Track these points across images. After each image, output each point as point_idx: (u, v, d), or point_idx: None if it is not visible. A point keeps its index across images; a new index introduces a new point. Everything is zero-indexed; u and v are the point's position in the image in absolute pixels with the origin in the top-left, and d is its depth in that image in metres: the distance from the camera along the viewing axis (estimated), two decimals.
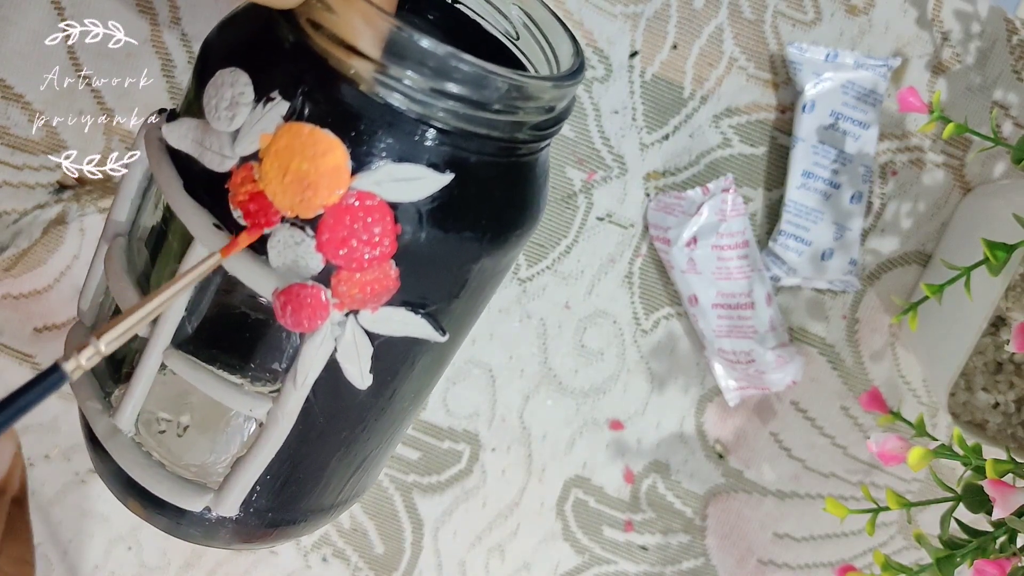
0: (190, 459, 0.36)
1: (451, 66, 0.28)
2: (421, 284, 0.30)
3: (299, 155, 0.28)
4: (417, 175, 0.28)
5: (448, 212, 0.29)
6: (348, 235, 0.28)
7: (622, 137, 0.50)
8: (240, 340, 0.34)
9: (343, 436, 0.34)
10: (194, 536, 0.35)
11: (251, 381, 0.34)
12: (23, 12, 0.47)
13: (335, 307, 0.29)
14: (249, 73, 0.29)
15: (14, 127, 0.48)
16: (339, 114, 0.28)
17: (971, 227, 0.49)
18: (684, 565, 0.55)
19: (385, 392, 0.33)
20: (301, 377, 0.30)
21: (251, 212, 0.28)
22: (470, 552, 0.54)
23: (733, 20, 0.49)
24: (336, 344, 0.30)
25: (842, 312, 0.52)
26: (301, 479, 0.34)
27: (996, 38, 0.50)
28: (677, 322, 0.52)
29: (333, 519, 0.39)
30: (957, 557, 0.40)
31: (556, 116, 0.32)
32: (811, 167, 0.50)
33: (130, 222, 0.35)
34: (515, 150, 0.31)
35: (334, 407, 0.33)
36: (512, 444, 0.53)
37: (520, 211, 0.32)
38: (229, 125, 0.28)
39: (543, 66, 0.35)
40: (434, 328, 0.31)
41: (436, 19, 0.38)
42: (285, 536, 0.36)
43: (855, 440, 0.54)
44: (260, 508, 0.34)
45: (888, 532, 0.55)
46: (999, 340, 0.47)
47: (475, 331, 0.52)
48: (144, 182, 0.35)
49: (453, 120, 0.28)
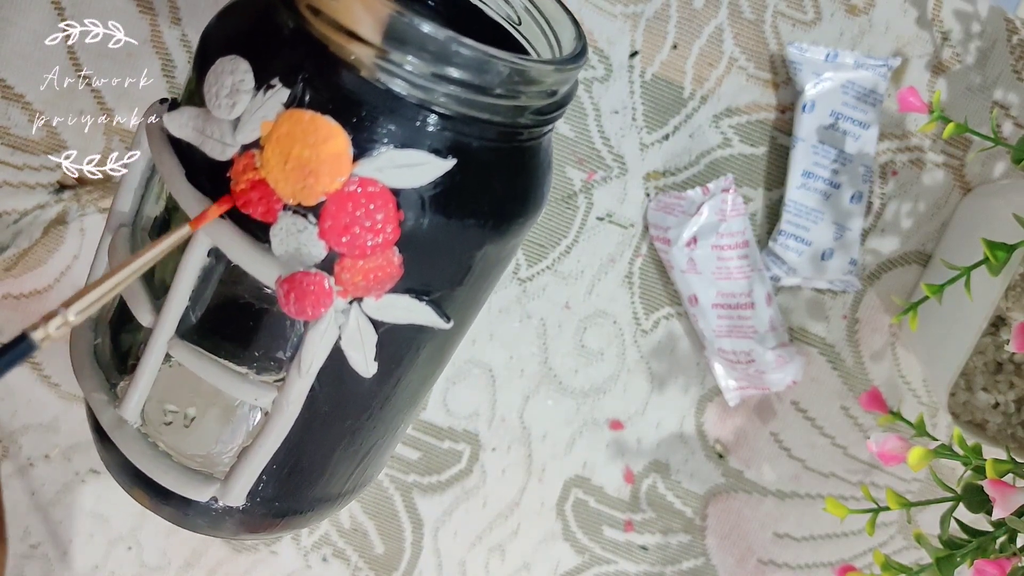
0: (196, 449, 0.37)
1: (452, 51, 0.27)
2: (425, 271, 0.30)
3: (300, 142, 0.27)
4: (419, 161, 0.28)
5: (451, 198, 0.29)
6: (351, 222, 0.28)
7: (622, 137, 0.50)
8: (244, 329, 0.34)
9: (348, 424, 0.34)
10: (200, 526, 0.35)
11: (256, 370, 0.34)
12: (23, 12, 0.47)
13: (339, 295, 0.29)
14: (249, 60, 0.29)
15: (14, 127, 0.48)
16: (340, 100, 0.28)
17: (971, 227, 0.49)
18: (684, 565, 0.55)
19: (390, 380, 0.33)
20: (306, 365, 0.30)
21: (253, 200, 0.28)
22: (470, 552, 0.54)
23: (733, 20, 0.49)
24: (340, 332, 0.30)
25: (842, 312, 0.52)
26: (307, 468, 0.34)
27: (996, 38, 0.50)
28: (677, 322, 0.52)
29: (339, 509, 0.38)
30: (957, 557, 0.40)
31: (558, 100, 0.31)
32: (811, 167, 0.50)
33: (133, 212, 0.35)
34: (517, 135, 0.31)
35: (339, 395, 0.32)
36: (512, 444, 0.53)
37: (524, 197, 0.32)
38: (230, 113, 0.28)
39: (545, 51, 0.35)
40: (438, 315, 0.31)
41: (437, 4, 0.38)
42: (292, 526, 0.36)
43: (855, 440, 0.54)
44: (266, 498, 0.34)
45: (888, 532, 0.55)
46: (999, 340, 0.47)
47: (475, 331, 0.52)
48: (147, 172, 0.34)
49: (455, 105, 0.28)
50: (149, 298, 0.32)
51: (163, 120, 0.30)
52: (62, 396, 0.51)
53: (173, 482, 0.33)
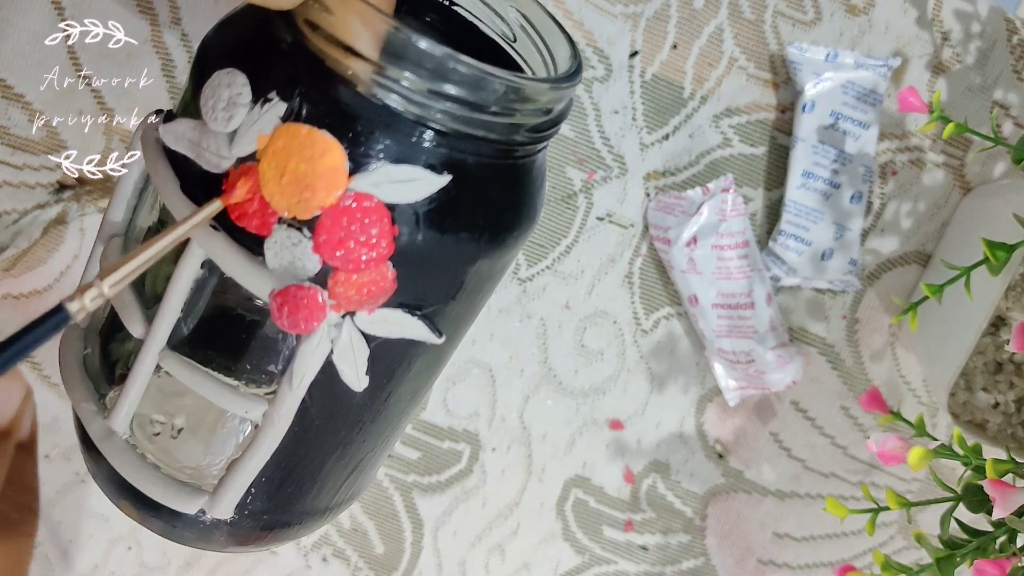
0: (185, 461, 0.36)
1: (449, 67, 0.27)
2: (418, 286, 0.30)
3: (296, 156, 0.27)
4: (414, 176, 0.28)
5: (445, 214, 0.29)
6: (345, 236, 0.28)
7: (622, 137, 0.50)
8: (236, 342, 0.34)
9: (339, 438, 0.34)
10: (189, 539, 0.35)
11: (247, 383, 0.34)
12: (23, 12, 0.47)
13: (332, 308, 0.29)
14: (247, 74, 0.28)
15: (14, 127, 0.48)
16: (337, 115, 0.28)
17: (971, 227, 0.49)
18: (684, 565, 0.55)
19: (381, 394, 0.33)
20: (297, 379, 0.30)
21: (248, 213, 0.28)
22: (470, 552, 0.54)
23: (733, 20, 0.49)
24: (332, 346, 0.30)
25: (842, 312, 0.52)
26: (297, 481, 0.34)
27: (996, 38, 0.50)
28: (677, 322, 0.52)
29: (329, 521, 0.38)
30: (957, 557, 0.40)
31: (553, 118, 0.31)
32: (811, 167, 0.50)
33: (126, 222, 0.35)
34: (512, 152, 0.31)
35: (330, 409, 0.32)
36: (512, 444, 0.53)
37: (517, 213, 0.32)
38: (226, 126, 0.28)
39: (540, 68, 0.35)
40: (431, 330, 0.31)
41: (433, 21, 0.38)
42: (280, 539, 0.36)
43: (855, 440, 0.54)
44: (255, 510, 0.34)
45: (888, 532, 0.55)
46: (999, 340, 0.47)
47: (475, 331, 0.52)
48: (140, 182, 0.34)
49: (450, 122, 0.28)
50: (141, 309, 0.32)
51: (159, 131, 0.30)
52: (62, 396, 0.51)
53: (161, 494, 0.32)
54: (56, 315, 0.23)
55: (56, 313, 0.23)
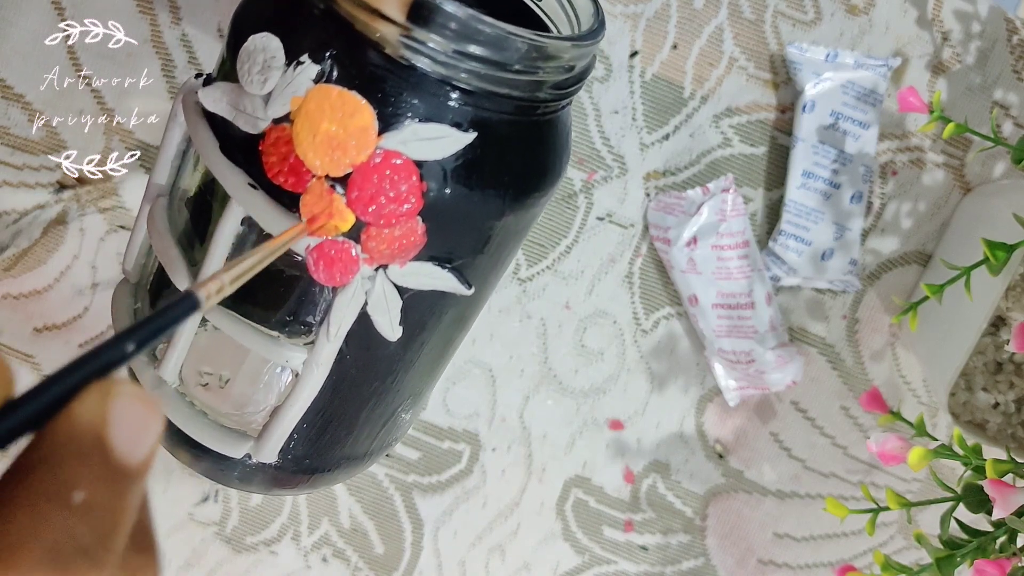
0: (231, 409, 0.38)
1: (473, 28, 0.29)
2: (447, 240, 0.32)
3: (328, 117, 0.29)
4: (441, 134, 0.30)
5: (472, 170, 0.30)
6: (376, 192, 0.29)
7: (622, 137, 0.50)
8: (275, 295, 0.35)
9: (374, 387, 0.36)
10: (233, 481, 0.37)
11: (287, 334, 0.35)
12: (23, 12, 0.47)
13: (365, 262, 0.31)
14: (280, 38, 0.30)
15: (14, 127, 0.48)
16: (366, 76, 0.29)
17: (971, 227, 0.49)
18: (684, 565, 0.55)
19: (414, 344, 0.35)
20: (334, 329, 0.32)
21: (283, 172, 0.30)
22: (470, 552, 0.54)
23: (733, 20, 0.49)
24: (367, 297, 0.32)
25: (842, 312, 0.52)
26: (335, 428, 0.36)
27: (996, 38, 0.50)
28: (677, 322, 0.52)
29: (365, 468, 0.40)
30: (957, 557, 0.40)
31: (576, 75, 0.33)
32: (811, 167, 0.50)
33: (170, 184, 0.37)
34: (536, 109, 0.32)
35: (366, 358, 0.34)
36: (512, 444, 0.53)
37: (542, 169, 0.33)
38: (262, 88, 0.30)
39: (564, 26, 0.36)
40: (460, 281, 0.33)
41: None
42: (319, 483, 0.38)
43: (855, 440, 0.54)
44: (297, 455, 0.36)
45: (888, 532, 0.55)
46: (999, 340, 0.47)
47: (475, 331, 0.52)
48: (183, 144, 0.36)
49: (476, 80, 0.29)
50: (186, 265, 0.34)
51: (198, 94, 0.32)
52: None
53: (210, 440, 0.35)
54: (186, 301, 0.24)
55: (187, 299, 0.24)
